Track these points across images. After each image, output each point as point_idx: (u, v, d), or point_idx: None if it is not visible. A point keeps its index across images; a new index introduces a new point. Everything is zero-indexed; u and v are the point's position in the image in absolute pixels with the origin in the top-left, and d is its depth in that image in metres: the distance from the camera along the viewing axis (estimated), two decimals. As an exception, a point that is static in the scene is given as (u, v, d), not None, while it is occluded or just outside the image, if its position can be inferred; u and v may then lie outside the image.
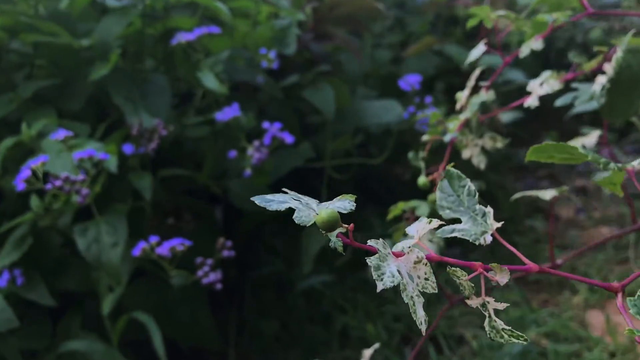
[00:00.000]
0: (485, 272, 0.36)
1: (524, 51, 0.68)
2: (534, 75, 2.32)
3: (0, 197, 1.23)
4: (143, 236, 0.99)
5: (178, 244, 0.85)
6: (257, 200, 0.36)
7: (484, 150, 0.72)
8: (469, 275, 0.36)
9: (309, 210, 0.35)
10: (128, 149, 0.98)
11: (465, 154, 0.73)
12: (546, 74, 0.68)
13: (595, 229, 1.98)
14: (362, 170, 1.56)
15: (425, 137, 0.77)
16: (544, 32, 0.68)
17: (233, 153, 1.02)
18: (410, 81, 1.31)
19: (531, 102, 0.67)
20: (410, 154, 0.79)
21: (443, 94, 1.98)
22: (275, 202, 0.36)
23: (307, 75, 1.35)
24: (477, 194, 0.41)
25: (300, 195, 0.37)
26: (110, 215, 0.93)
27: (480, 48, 0.73)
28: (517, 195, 0.77)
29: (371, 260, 0.34)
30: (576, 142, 0.74)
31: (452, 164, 0.45)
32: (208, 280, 0.88)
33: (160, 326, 1.01)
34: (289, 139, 1.03)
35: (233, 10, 1.27)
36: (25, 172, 0.81)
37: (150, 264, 1.03)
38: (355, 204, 0.37)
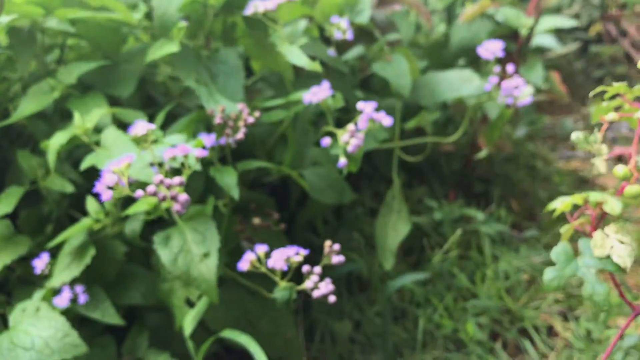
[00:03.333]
0: None
1: None
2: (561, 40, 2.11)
3: (37, 198, 1.07)
4: (229, 242, 0.85)
5: (293, 253, 0.71)
6: None
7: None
8: None
9: None
10: (207, 140, 0.83)
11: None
12: None
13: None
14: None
15: (610, 116, 0.63)
16: None
17: (327, 140, 0.87)
18: (491, 48, 1.17)
19: None
20: (577, 136, 0.65)
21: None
22: None
23: (373, 46, 1.20)
24: None
25: None
26: (196, 220, 0.78)
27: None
28: None
29: None
30: None
31: None
32: (320, 293, 0.74)
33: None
34: (387, 120, 0.88)
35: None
36: (108, 177, 0.65)
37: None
38: None
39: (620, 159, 2.34)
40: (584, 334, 1.19)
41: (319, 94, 0.87)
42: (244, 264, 0.71)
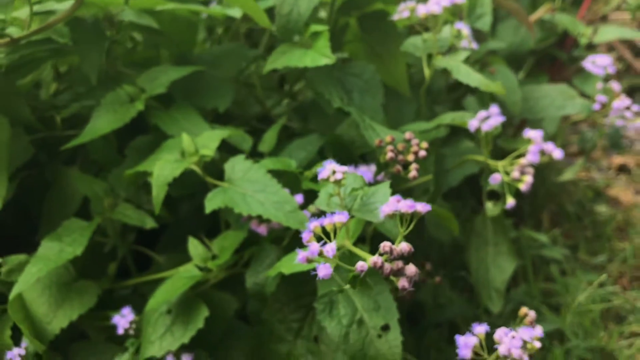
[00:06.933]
0: None
1: None
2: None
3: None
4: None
5: (529, 337, 0.55)
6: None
7: None
8: None
9: None
10: (365, 176, 0.66)
11: None
12: None
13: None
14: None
15: None
16: None
17: (497, 177, 0.72)
18: (600, 62, 1.05)
19: None
20: None
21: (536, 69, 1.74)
22: None
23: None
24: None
25: None
26: (363, 284, 0.61)
27: None
28: None
29: None
30: None
31: None
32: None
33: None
34: (558, 153, 0.74)
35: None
36: (328, 247, 0.47)
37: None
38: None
39: (623, 169, 2.29)
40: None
41: (490, 120, 0.72)
42: (466, 352, 0.55)
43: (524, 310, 0.64)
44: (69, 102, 0.93)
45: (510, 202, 0.73)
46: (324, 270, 0.47)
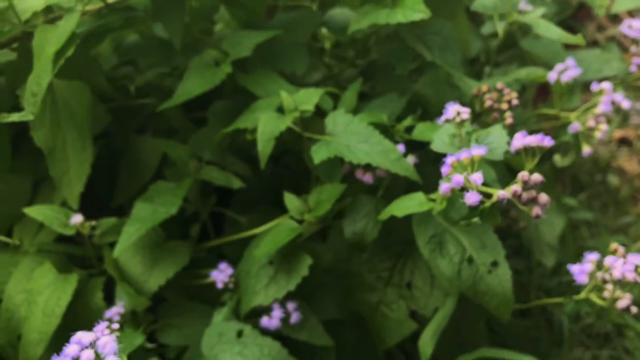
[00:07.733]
0: None
1: None
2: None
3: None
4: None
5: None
6: None
7: None
8: None
9: None
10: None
11: None
12: None
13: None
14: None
15: None
16: None
17: (576, 126, 0.76)
18: (637, 27, 1.09)
19: None
20: None
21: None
22: None
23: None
24: None
25: None
26: (490, 216, 0.64)
27: None
28: None
29: None
30: None
31: None
32: (625, 304, 0.64)
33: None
34: (626, 103, 0.79)
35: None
36: (475, 175, 0.50)
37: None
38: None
39: (624, 142, 2.36)
40: None
41: (569, 72, 0.76)
42: (583, 277, 0.59)
43: (614, 245, 0.68)
44: (133, 72, 0.96)
45: (587, 149, 0.77)
46: (473, 198, 0.50)
